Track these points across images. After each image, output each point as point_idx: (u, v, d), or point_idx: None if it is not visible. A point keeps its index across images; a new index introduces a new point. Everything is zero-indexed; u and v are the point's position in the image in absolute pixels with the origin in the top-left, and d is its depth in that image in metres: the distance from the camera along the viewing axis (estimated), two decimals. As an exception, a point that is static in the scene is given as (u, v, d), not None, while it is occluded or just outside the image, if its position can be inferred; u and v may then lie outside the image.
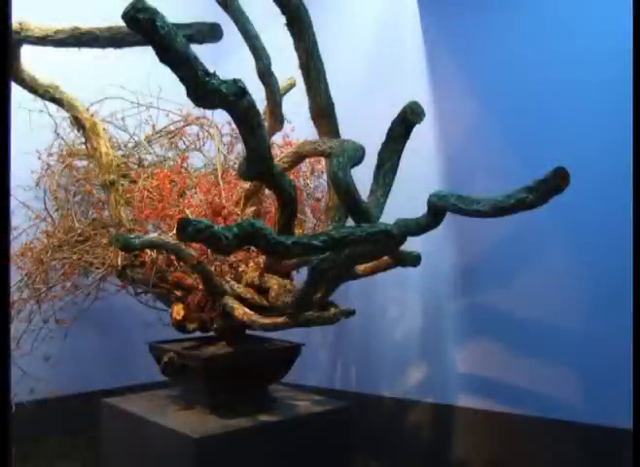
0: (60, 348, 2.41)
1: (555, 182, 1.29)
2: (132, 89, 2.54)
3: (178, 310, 2.12)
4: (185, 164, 2.51)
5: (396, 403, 2.76)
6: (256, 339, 2.30)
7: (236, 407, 2.06)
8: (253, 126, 1.42)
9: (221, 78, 1.28)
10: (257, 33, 2.01)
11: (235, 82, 1.30)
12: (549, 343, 2.37)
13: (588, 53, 2.29)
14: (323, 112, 1.84)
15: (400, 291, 2.78)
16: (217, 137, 2.46)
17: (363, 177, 1.73)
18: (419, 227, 1.61)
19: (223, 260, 2.08)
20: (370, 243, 1.55)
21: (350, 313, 1.89)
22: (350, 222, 1.74)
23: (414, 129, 1.71)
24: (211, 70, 1.26)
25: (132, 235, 1.93)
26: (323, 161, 2.28)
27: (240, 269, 2.11)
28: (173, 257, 2.10)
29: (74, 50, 2.01)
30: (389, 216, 1.64)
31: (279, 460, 2.02)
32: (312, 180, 2.42)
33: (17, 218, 2.45)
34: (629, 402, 1.38)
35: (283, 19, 1.72)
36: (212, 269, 2.04)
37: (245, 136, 1.46)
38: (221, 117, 2.22)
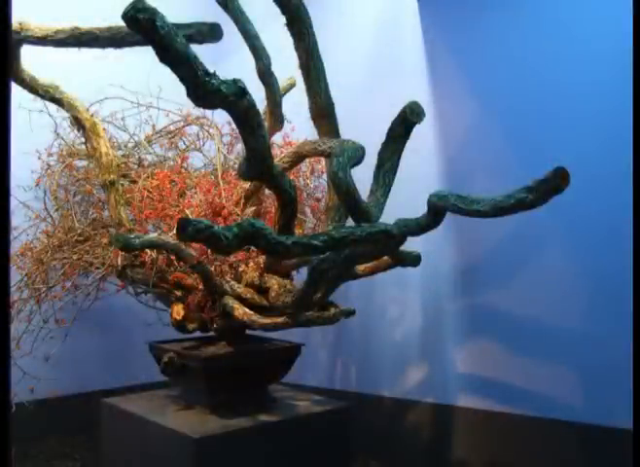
0: (60, 348, 2.41)
1: (555, 182, 1.29)
2: (132, 89, 2.54)
3: (178, 310, 2.12)
4: (185, 164, 2.51)
5: (396, 403, 2.76)
6: (256, 339, 2.30)
7: (236, 407, 2.06)
8: (253, 126, 1.42)
9: (221, 78, 1.28)
10: (257, 33, 2.01)
11: (235, 82, 1.30)
12: (549, 343, 2.37)
13: (588, 53, 2.29)
14: (323, 112, 1.84)
15: (400, 291, 2.78)
16: (217, 137, 2.46)
17: (363, 177, 1.73)
18: (419, 227, 1.61)
19: (223, 260, 2.08)
20: (370, 243, 1.55)
21: (350, 313, 1.89)
22: (350, 222, 1.74)
23: (414, 129, 1.72)
24: (211, 70, 1.27)
25: (132, 235, 1.93)
26: (323, 161, 2.28)
27: (240, 269, 2.11)
28: (173, 257, 2.10)
29: (74, 50, 2.02)
30: (389, 216, 1.65)
31: (279, 460, 2.02)
32: (312, 180, 2.42)
33: (17, 218, 2.45)
34: (629, 402, 1.38)
35: (283, 19, 1.72)
36: (212, 269, 2.04)
37: (245, 136, 1.46)
38: (221, 117, 2.22)
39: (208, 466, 1.89)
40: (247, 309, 1.95)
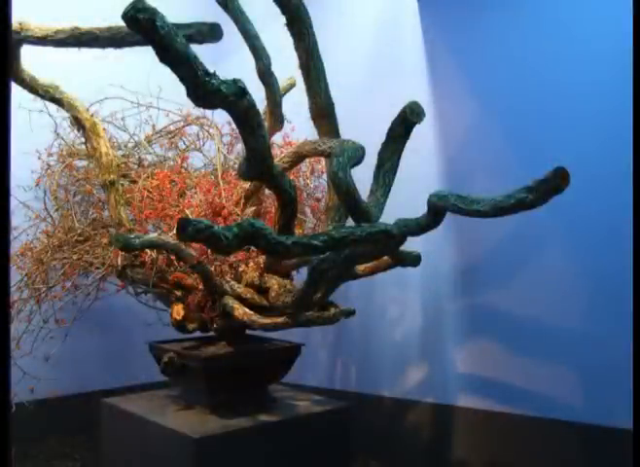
0: (60, 348, 2.41)
1: (555, 182, 1.29)
2: (132, 89, 2.54)
3: (178, 310, 2.12)
4: (185, 164, 2.51)
5: (396, 403, 2.76)
6: (256, 339, 2.30)
7: (236, 407, 2.06)
8: (253, 126, 1.42)
9: (221, 78, 1.28)
10: (257, 33, 2.01)
11: (235, 82, 1.30)
12: (549, 343, 2.37)
13: (588, 53, 2.29)
14: (323, 112, 1.84)
15: (400, 291, 2.78)
16: (217, 137, 2.46)
17: (363, 177, 1.73)
18: (419, 227, 1.61)
19: (223, 260, 2.08)
20: (370, 243, 1.55)
21: (350, 313, 1.89)
22: (350, 222, 1.74)
23: (414, 129, 1.72)
24: (211, 70, 1.27)
25: (132, 235, 1.93)
26: (323, 161, 2.28)
27: (240, 269, 2.11)
28: (173, 257, 2.10)
29: (74, 50, 2.02)
30: (389, 216, 1.65)
31: (279, 460, 2.02)
32: (312, 180, 2.42)
33: (17, 218, 2.45)
34: (629, 402, 1.38)
35: (283, 19, 1.72)
36: (212, 269, 2.04)
37: (245, 136, 1.46)
38: (221, 117, 2.22)
39: (208, 466, 1.89)
40: (247, 309, 1.95)
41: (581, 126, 2.29)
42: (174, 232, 1.79)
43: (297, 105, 2.04)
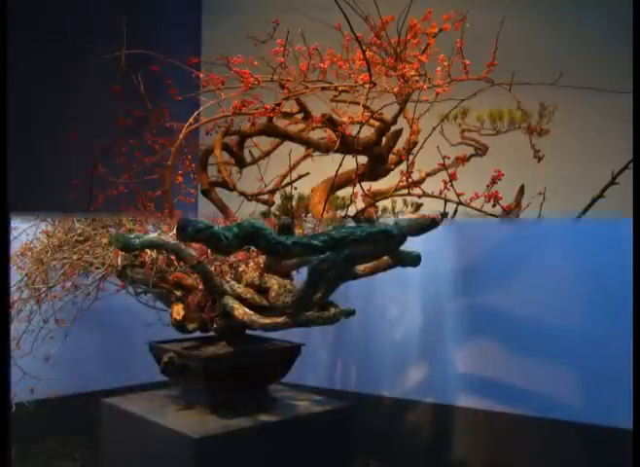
0: (60, 348, 2.41)
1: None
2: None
3: (178, 310, 2.11)
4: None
5: (396, 403, 2.76)
6: (256, 339, 2.30)
7: (236, 407, 2.06)
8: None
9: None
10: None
11: None
12: (548, 343, 2.37)
13: (588, 53, 2.30)
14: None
15: (400, 291, 2.78)
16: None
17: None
18: (419, 227, 1.61)
19: (223, 260, 2.08)
20: (370, 243, 1.55)
21: (350, 313, 1.89)
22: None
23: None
24: None
25: (132, 235, 1.93)
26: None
27: (240, 269, 2.11)
28: (173, 257, 2.09)
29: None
30: (389, 216, 1.65)
31: (279, 460, 2.02)
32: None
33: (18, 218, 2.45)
34: (629, 402, 1.38)
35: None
36: (212, 269, 2.04)
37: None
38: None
39: (208, 466, 1.89)
40: (247, 309, 1.95)
41: (581, 127, 2.29)
42: (174, 232, 1.79)
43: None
